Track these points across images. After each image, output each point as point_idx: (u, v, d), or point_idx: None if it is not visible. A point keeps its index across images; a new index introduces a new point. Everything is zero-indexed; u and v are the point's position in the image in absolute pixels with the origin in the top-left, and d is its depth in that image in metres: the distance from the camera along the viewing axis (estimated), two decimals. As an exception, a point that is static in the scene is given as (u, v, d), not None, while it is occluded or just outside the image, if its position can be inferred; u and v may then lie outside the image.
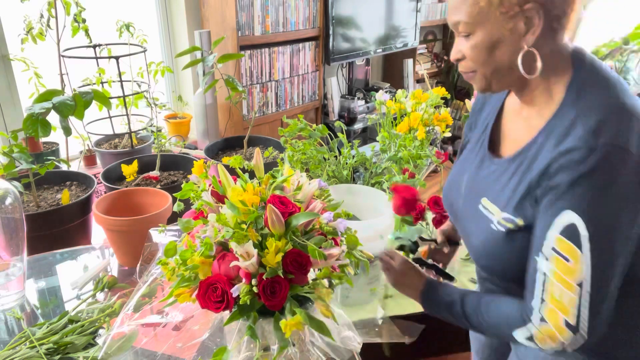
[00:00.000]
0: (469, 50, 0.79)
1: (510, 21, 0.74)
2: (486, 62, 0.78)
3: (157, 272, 1.10)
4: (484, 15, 0.74)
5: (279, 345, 0.81)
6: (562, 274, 0.70)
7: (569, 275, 0.69)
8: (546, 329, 0.73)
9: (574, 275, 0.69)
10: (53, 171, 1.95)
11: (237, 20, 2.83)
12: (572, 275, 0.69)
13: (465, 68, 0.82)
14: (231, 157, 1.33)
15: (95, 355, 1.01)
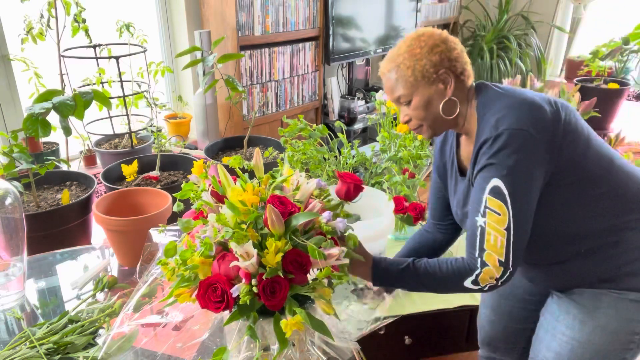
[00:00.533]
0: (413, 112, 1.06)
1: (433, 84, 1.03)
2: (426, 116, 1.06)
3: (157, 272, 1.10)
4: (415, 87, 1.03)
5: (279, 345, 0.81)
6: (495, 224, 0.94)
7: (499, 224, 0.94)
8: (487, 270, 0.96)
9: (503, 224, 0.94)
10: (53, 171, 1.96)
11: (237, 20, 2.83)
12: (502, 224, 0.94)
13: (414, 125, 1.10)
14: (231, 157, 1.33)
15: (95, 355, 1.01)
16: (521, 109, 0.97)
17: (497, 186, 0.94)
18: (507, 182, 0.93)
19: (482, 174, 0.97)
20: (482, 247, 0.96)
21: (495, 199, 0.94)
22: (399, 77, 1.04)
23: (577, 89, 2.16)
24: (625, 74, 4.04)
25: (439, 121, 1.07)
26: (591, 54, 3.79)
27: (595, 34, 4.64)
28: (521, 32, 4.26)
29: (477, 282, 0.98)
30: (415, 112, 1.06)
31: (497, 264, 0.95)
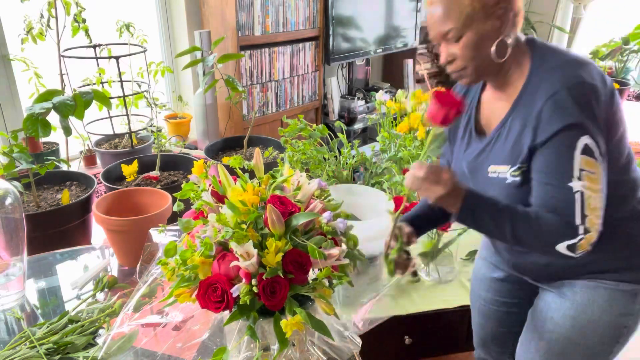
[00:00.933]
0: (461, 51, 0.96)
1: (489, 19, 0.94)
2: (475, 56, 0.96)
3: (157, 272, 1.10)
4: (470, 20, 0.93)
5: (279, 345, 0.81)
6: (593, 185, 0.89)
7: (596, 183, 0.90)
8: (589, 237, 0.91)
9: (598, 183, 0.90)
10: (53, 171, 1.95)
11: (237, 20, 2.83)
12: (597, 183, 0.90)
13: (457, 67, 0.99)
14: (231, 157, 1.33)
15: (95, 355, 1.01)
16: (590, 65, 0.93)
17: (587, 144, 0.88)
18: (596, 138, 0.88)
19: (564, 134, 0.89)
20: (583, 213, 0.90)
21: (589, 157, 0.88)
22: (453, 7, 0.93)
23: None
24: (625, 74, 4.04)
25: (486, 64, 0.97)
26: (591, 54, 3.79)
27: (595, 34, 4.64)
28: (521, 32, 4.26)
29: (575, 248, 0.92)
30: (465, 51, 0.95)
31: (598, 227, 0.91)
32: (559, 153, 0.90)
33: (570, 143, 0.89)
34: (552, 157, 0.91)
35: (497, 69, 0.99)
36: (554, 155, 0.91)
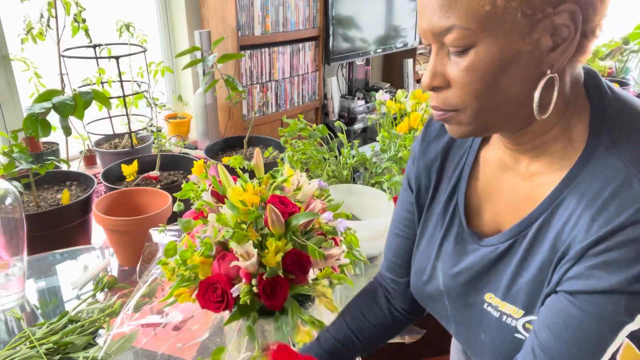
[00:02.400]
0: (463, 74, 0.52)
1: (535, 30, 0.49)
2: (486, 92, 0.52)
3: (157, 272, 1.10)
4: (494, 20, 0.49)
5: (279, 345, 0.81)
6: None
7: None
8: None
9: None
10: (53, 171, 1.95)
11: (237, 20, 2.83)
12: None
13: (446, 103, 0.55)
14: (231, 157, 1.33)
15: (95, 355, 1.01)
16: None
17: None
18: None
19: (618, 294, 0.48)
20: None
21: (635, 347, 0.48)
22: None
23: None
24: (625, 74, 4.04)
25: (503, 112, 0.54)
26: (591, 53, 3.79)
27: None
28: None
29: None
30: (471, 77, 0.52)
31: None
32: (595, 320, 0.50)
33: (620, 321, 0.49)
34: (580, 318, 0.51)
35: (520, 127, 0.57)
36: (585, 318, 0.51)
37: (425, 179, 0.72)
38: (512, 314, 0.59)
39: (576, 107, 0.56)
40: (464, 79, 0.52)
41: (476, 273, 0.63)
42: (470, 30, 0.50)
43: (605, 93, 0.56)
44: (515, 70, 0.51)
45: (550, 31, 0.50)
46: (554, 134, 0.56)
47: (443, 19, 0.51)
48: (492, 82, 0.52)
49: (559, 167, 0.56)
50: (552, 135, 0.56)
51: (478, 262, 0.63)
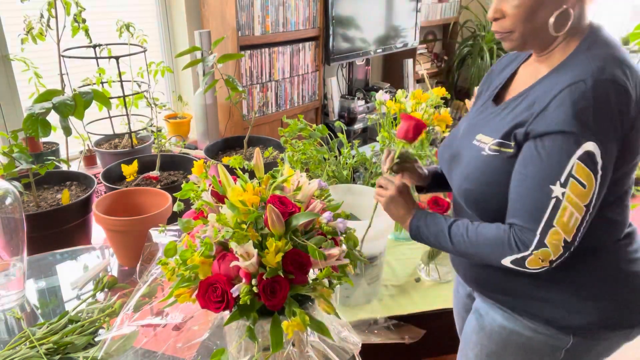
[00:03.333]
0: (513, 9, 0.83)
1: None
2: (528, 21, 0.82)
3: (157, 272, 1.10)
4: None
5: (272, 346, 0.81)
6: (577, 198, 0.76)
7: (581, 198, 0.76)
8: (544, 252, 0.79)
9: (585, 199, 0.76)
10: (53, 171, 1.96)
11: (237, 20, 2.83)
12: (584, 199, 0.76)
13: (502, 28, 0.86)
14: (231, 157, 1.33)
15: (95, 355, 1.01)
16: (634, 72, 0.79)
17: (591, 152, 0.74)
18: (605, 148, 0.75)
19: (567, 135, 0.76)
20: (549, 223, 0.77)
21: (585, 166, 0.74)
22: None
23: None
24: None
25: (537, 33, 0.84)
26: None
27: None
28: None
29: (523, 264, 0.81)
30: (518, 11, 0.82)
31: (562, 244, 0.77)
32: (552, 152, 0.78)
33: (569, 146, 0.76)
34: (544, 153, 0.79)
35: (548, 42, 0.86)
36: (546, 151, 0.78)
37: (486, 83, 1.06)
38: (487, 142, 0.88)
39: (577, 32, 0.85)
40: (514, 11, 0.83)
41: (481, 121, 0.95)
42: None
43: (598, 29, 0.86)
44: (547, 5, 0.81)
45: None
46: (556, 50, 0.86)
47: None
48: (531, 13, 0.82)
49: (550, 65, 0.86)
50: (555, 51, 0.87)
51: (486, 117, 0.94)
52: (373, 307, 1.47)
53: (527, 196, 0.81)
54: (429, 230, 0.94)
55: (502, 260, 0.83)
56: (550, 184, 0.78)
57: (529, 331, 0.92)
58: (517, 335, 0.93)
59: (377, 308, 1.47)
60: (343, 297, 1.46)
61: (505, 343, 0.95)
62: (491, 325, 0.97)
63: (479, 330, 1.00)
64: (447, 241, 0.91)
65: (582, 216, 0.77)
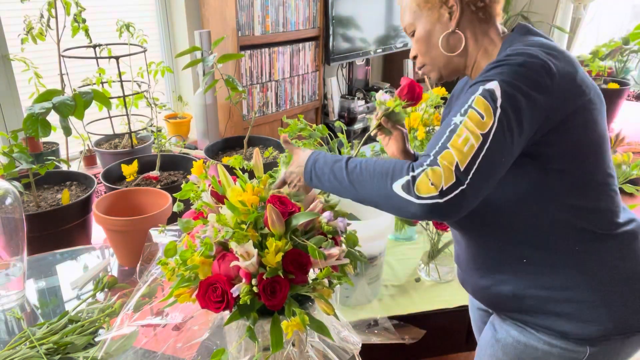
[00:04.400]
0: (416, 45, 0.96)
1: (437, 12, 0.91)
2: (427, 51, 0.94)
3: (157, 272, 1.10)
4: (418, 14, 0.93)
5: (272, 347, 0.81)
6: (473, 124, 0.76)
7: (478, 126, 0.75)
8: (433, 172, 0.73)
9: (483, 128, 0.75)
10: (53, 171, 1.96)
11: (237, 20, 2.83)
12: (482, 127, 0.75)
13: (419, 63, 0.98)
14: (231, 157, 1.33)
15: (95, 355, 1.01)
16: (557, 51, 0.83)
17: (492, 89, 0.77)
18: (507, 90, 0.76)
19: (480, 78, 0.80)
20: (444, 145, 0.75)
21: (485, 99, 0.76)
22: (407, 2, 0.94)
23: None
24: (625, 74, 4.04)
25: (442, 59, 0.94)
26: (591, 54, 3.79)
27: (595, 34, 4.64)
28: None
29: (412, 187, 0.74)
30: (418, 46, 0.95)
31: (453, 168, 0.72)
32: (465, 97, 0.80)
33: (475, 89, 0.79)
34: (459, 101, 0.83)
35: (461, 64, 0.94)
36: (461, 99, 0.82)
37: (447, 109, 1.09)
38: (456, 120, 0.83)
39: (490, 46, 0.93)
40: (417, 46, 0.96)
41: None
42: (411, 23, 0.95)
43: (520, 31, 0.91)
44: (435, 35, 0.93)
45: (447, 10, 0.91)
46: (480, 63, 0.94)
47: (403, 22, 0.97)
48: (427, 44, 0.94)
49: None
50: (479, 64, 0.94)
51: None
52: (373, 307, 1.47)
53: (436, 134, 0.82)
54: (326, 161, 0.87)
55: (393, 185, 0.76)
56: (453, 117, 0.79)
57: (544, 345, 0.91)
58: (532, 349, 0.92)
59: (377, 308, 1.47)
60: (343, 297, 1.46)
61: (520, 357, 0.94)
62: (505, 339, 0.96)
63: (494, 343, 0.98)
64: (343, 170, 0.83)
65: (479, 145, 0.74)
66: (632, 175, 1.48)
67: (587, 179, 0.86)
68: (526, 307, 0.91)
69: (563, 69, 0.81)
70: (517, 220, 0.87)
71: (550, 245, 0.87)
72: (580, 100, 0.82)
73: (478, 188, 0.74)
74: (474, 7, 0.90)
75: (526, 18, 4.28)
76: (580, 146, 0.83)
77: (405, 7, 0.95)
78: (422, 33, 0.93)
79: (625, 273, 0.87)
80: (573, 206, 0.85)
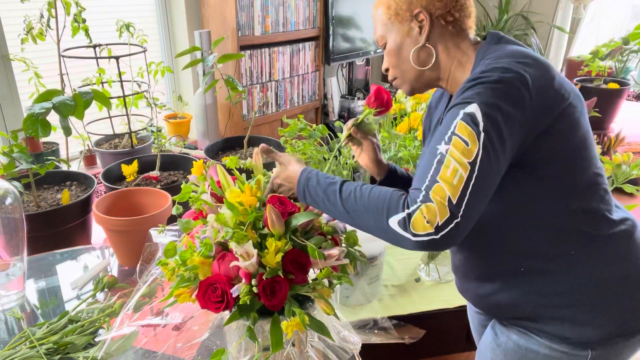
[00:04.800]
0: (387, 58, 0.96)
1: (407, 26, 0.91)
2: (398, 64, 0.94)
3: (157, 272, 1.10)
4: (389, 27, 0.93)
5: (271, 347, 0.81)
6: (459, 154, 0.75)
7: (465, 155, 0.75)
8: (428, 208, 0.73)
9: (469, 156, 0.75)
10: (53, 171, 1.96)
11: (237, 20, 2.83)
12: (468, 156, 0.75)
13: (391, 76, 0.98)
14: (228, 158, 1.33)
15: (95, 355, 1.01)
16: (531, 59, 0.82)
17: (473, 113, 0.76)
18: (487, 112, 0.76)
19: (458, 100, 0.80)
20: (433, 178, 0.75)
21: (467, 125, 0.76)
22: (379, 15, 0.94)
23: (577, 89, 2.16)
24: (625, 74, 4.04)
25: (413, 72, 0.94)
26: (591, 54, 3.79)
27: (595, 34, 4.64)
28: (521, 32, 4.26)
29: (408, 225, 0.74)
30: (389, 58, 0.96)
31: (446, 203, 0.73)
32: (444, 124, 0.80)
33: (455, 112, 0.78)
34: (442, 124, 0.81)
35: (434, 77, 0.94)
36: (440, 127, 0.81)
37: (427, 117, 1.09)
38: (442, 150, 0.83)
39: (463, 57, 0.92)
40: (388, 59, 0.96)
41: None
42: (382, 35, 0.95)
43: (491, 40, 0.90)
44: (405, 48, 0.93)
45: (417, 23, 0.91)
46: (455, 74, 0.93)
47: (375, 35, 0.97)
48: (397, 57, 0.94)
49: None
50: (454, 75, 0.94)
51: None
52: (373, 307, 1.47)
53: (422, 162, 0.81)
54: (319, 182, 0.86)
55: (389, 221, 0.76)
56: (437, 144, 0.78)
57: (545, 349, 0.90)
58: (533, 354, 0.92)
59: (377, 308, 1.47)
60: (343, 297, 1.46)
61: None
62: (506, 344, 0.95)
63: (495, 347, 0.98)
64: (337, 195, 0.83)
65: (467, 176, 0.74)
66: (632, 175, 1.48)
67: (576, 181, 0.85)
68: (526, 313, 0.91)
69: (539, 77, 0.81)
70: (511, 230, 0.88)
71: (545, 251, 0.87)
72: (562, 105, 0.82)
73: (471, 216, 0.75)
74: (443, 21, 0.90)
75: (526, 18, 4.28)
76: (566, 150, 0.84)
77: (377, 19, 0.95)
78: (392, 46, 0.94)
79: (621, 274, 0.87)
80: (565, 210, 0.85)
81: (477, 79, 0.79)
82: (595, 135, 2.91)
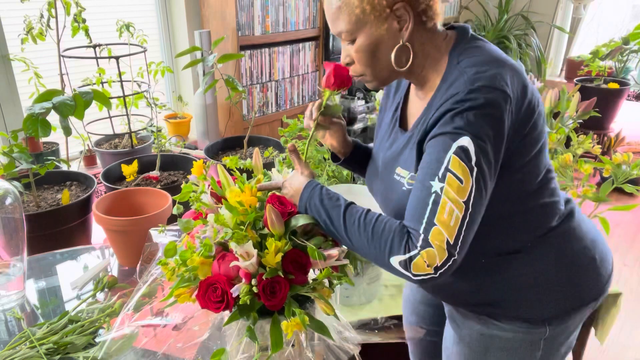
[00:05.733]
0: (356, 54, 0.86)
1: (385, 22, 0.82)
2: (372, 63, 0.86)
3: (157, 272, 1.10)
4: (361, 22, 0.82)
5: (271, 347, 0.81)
6: (454, 193, 0.75)
7: (459, 194, 0.75)
8: (429, 253, 0.75)
9: (463, 194, 0.75)
10: (53, 171, 1.96)
11: (237, 20, 2.83)
12: (462, 194, 0.75)
13: (355, 72, 0.90)
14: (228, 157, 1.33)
15: (95, 355, 1.01)
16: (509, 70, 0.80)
17: (467, 148, 0.75)
18: (479, 144, 0.75)
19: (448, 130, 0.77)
20: (430, 221, 0.75)
21: (461, 161, 0.75)
22: (344, 6, 0.82)
23: (577, 89, 2.16)
24: (625, 74, 4.04)
25: (386, 72, 0.87)
26: (591, 54, 3.79)
27: (595, 34, 4.64)
28: (521, 32, 4.26)
29: (409, 267, 0.75)
30: (359, 56, 0.86)
31: (445, 246, 0.74)
32: (433, 150, 0.78)
33: (446, 142, 0.77)
34: (428, 156, 0.80)
35: (406, 72, 0.88)
36: (429, 152, 0.80)
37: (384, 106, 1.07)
38: (404, 175, 0.88)
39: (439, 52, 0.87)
40: (357, 55, 0.86)
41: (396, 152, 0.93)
42: (350, 31, 0.84)
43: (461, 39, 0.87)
44: (382, 46, 0.84)
45: (396, 19, 0.82)
46: (426, 72, 0.89)
47: (335, 27, 0.86)
48: (371, 56, 0.85)
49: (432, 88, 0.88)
50: (425, 74, 0.89)
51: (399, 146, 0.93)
52: (373, 307, 1.47)
53: (414, 196, 0.80)
54: (323, 200, 0.85)
55: (391, 259, 0.77)
56: (431, 179, 0.77)
57: (508, 332, 0.93)
58: (497, 339, 0.95)
59: (377, 308, 1.47)
60: (343, 297, 1.46)
61: (487, 349, 0.96)
62: (470, 335, 0.98)
63: (459, 340, 1.00)
64: (340, 219, 0.82)
65: (463, 215, 0.75)
66: (632, 175, 1.48)
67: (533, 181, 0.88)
68: (488, 299, 0.93)
69: (516, 84, 0.80)
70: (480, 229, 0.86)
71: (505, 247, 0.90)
72: (534, 115, 0.83)
73: (465, 248, 0.77)
74: (425, 16, 0.84)
75: (526, 18, 4.28)
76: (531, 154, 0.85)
77: (339, 10, 0.83)
78: (365, 44, 0.84)
79: (570, 252, 0.92)
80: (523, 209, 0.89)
81: (464, 101, 0.77)
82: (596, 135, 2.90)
